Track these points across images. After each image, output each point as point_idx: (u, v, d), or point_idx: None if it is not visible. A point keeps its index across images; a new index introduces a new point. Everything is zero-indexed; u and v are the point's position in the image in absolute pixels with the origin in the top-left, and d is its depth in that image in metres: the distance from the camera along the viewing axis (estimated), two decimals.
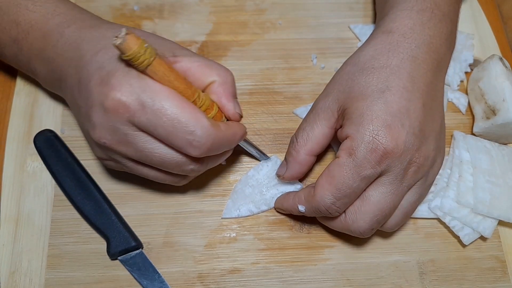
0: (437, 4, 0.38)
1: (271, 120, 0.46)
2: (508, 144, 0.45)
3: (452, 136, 0.45)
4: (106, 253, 0.39)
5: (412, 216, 0.42)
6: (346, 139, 0.35)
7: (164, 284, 0.39)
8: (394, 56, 0.36)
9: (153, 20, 0.49)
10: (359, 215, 0.35)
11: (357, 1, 0.51)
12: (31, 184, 0.42)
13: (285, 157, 0.40)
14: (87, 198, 0.40)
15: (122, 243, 0.39)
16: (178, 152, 0.33)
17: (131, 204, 0.42)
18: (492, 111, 0.43)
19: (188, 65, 0.34)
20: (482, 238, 0.42)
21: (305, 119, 0.39)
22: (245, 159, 0.44)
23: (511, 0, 0.51)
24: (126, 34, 0.28)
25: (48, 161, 0.41)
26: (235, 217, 0.42)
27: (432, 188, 0.42)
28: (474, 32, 0.50)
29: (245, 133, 0.37)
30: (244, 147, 0.41)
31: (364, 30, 0.49)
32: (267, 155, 0.43)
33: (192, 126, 0.31)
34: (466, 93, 0.47)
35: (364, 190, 0.35)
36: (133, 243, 0.39)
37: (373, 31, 0.40)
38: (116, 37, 0.28)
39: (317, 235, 0.42)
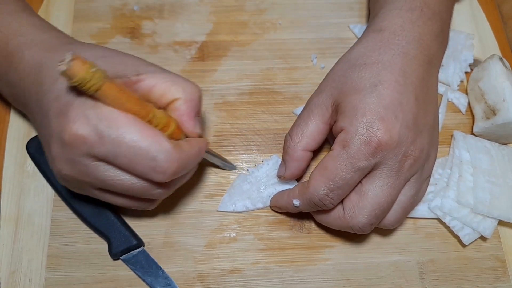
0: (426, 3, 0.39)
1: (271, 120, 0.46)
2: (508, 144, 0.45)
3: (452, 136, 0.45)
4: (108, 253, 0.39)
5: (412, 216, 0.42)
6: (340, 132, 0.35)
7: (168, 279, 0.39)
8: (386, 52, 0.37)
9: (153, 20, 0.49)
10: (358, 211, 0.35)
11: (357, 1, 0.51)
12: (31, 184, 0.42)
13: (282, 157, 0.40)
14: (84, 200, 0.40)
15: (123, 243, 0.39)
16: (143, 179, 0.32)
17: None
18: (492, 111, 0.43)
19: (153, 82, 0.33)
20: (482, 238, 0.42)
21: (299, 116, 0.39)
22: (245, 158, 0.44)
23: (511, 0, 0.51)
24: (71, 59, 0.26)
25: (42, 167, 0.41)
26: (230, 211, 0.42)
27: (432, 188, 0.42)
28: (474, 32, 0.50)
29: (208, 145, 0.36)
30: (206, 158, 0.40)
31: (364, 30, 0.49)
32: (232, 163, 0.43)
33: (154, 151, 0.30)
34: (466, 93, 0.47)
35: (362, 185, 0.35)
36: (134, 242, 0.39)
37: (365, 30, 0.41)
38: (61, 62, 0.26)
39: (317, 235, 0.42)
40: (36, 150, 0.42)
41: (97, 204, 0.40)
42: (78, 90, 0.29)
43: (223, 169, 0.43)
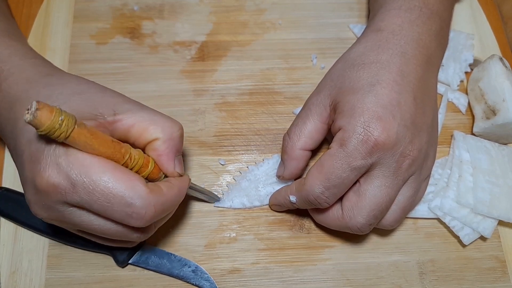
0: (425, 3, 0.39)
1: (271, 120, 0.45)
2: (508, 144, 0.45)
3: (452, 136, 0.45)
4: (116, 264, 0.39)
5: (412, 216, 0.42)
6: (338, 131, 0.35)
7: (182, 260, 0.39)
8: (384, 52, 0.37)
9: (153, 20, 0.49)
10: (356, 211, 0.35)
11: (357, 1, 0.51)
12: None
13: (281, 157, 0.40)
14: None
15: (125, 247, 0.39)
16: (120, 224, 0.31)
17: None
18: (492, 111, 0.43)
19: (131, 122, 0.32)
20: (482, 238, 0.42)
21: (297, 116, 0.39)
22: (245, 158, 0.44)
23: (511, 0, 0.51)
24: (37, 109, 0.25)
25: (15, 216, 0.40)
26: (227, 207, 0.42)
27: (432, 188, 0.42)
28: (474, 32, 0.50)
29: (189, 182, 0.35)
30: (190, 194, 0.39)
31: (363, 29, 0.49)
32: (217, 195, 0.42)
33: (129, 198, 0.29)
34: (466, 93, 0.47)
35: (360, 185, 0.35)
36: None
37: (364, 30, 0.41)
38: (27, 110, 0.25)
39: (317, 235, 0.42)
40: (1, 204, 0.40)
41: None
42: (47, 137, 0.28)
43: (207, 202, 0.42)
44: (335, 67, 0.39)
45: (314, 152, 0.40)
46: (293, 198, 0.38)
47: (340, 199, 0.37)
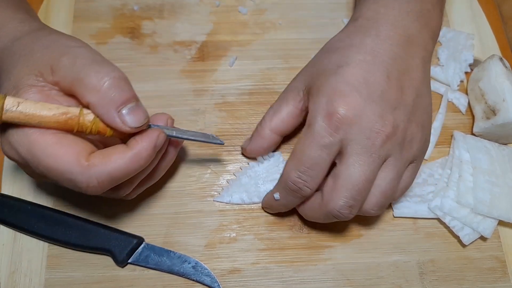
0: None
1: None
2: (508, 144, 0.45)
3: (452, 136, 0.45)
4: (115, 264, 0.39)
5: (412, 216, 0.42)
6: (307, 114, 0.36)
7: (182, 257, 0.39)
8: (357, 36, 0.37)
9: (153, 20, 0.49)
10: (334, 193, 0.34)
11: None
12: (31, 184, 0.42)
13: (252, 134, 0.41)
14: (68, 229, 0.39)
15: (124, 246, 0.39)
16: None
17: (131, 204, 0.42)
18: (492, 111, 0.43)
19: (66, 84, 0.31)
20: (482, 238, 0.42)
21: (276, 100, 0.41)
22: (245, 158, 0.44)
23: (511, 0, 0.51)
24: None
25: (12, 222, 0.40)
26: (226, 203, 0.42)
27: (432, 188, 0.42)
28: (474, 32, 0.50)
29: (163, 136, 0.33)
30: (185, 139, 0.35)
31: None
32: (218, 139, 0.37)
33: (69, 173, 0.30)
34: (466, 93, 0.47)
35: (336, 167, 0.35)
36: (134, 240, 0.39)
37: None
38: None
39: (317, 235, 0.42)
40: None
41: (81, 227, 0.39)
42: None
43: (212, 143, 0.38)
44: (315, 55, 0.40)
45: None
46: (276, 195, 0.38)
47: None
